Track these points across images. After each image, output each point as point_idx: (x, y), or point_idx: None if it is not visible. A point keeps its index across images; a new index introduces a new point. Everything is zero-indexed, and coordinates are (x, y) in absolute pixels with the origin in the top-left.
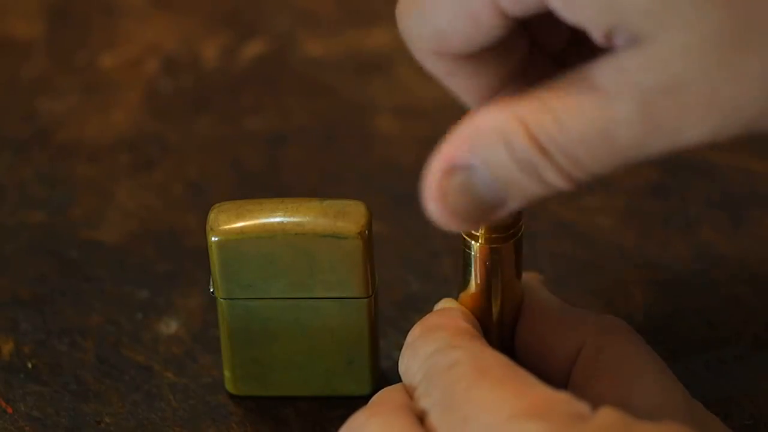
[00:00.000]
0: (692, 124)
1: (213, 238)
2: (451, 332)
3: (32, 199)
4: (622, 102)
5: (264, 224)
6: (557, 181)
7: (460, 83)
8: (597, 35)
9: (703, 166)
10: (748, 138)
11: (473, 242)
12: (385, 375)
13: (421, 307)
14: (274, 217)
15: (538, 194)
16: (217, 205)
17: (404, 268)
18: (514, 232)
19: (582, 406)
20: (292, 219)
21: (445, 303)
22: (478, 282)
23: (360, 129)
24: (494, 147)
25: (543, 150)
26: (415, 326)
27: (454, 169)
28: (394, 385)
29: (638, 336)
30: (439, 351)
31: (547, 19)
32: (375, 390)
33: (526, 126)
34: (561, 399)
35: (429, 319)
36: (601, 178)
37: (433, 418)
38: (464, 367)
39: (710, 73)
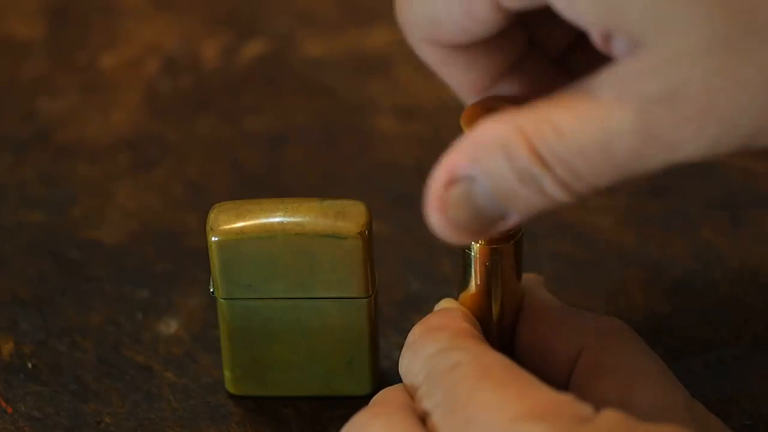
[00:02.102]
0: (690, 136)
1: (213, 238)
2: (453, 333)
3: (32, 199)
4: (621, 112)
5: (264, 224)
6: (557, 193)
7: (453, 74)
8: (595, 37)
9: (703, 166)
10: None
11: (473, 243)
12: (385, 375)
13: (421, 307)
14: (274, 217)
15: (539, 206)
16: (217, 205)
17: (404, 268)
18: (514, 233)
19: (585, 408)
20: (292, 219)
21: (445, 303)
22: (478, 283)
23: (360, 129)
24: (495, 158)
25: (543, 161)
26: (415, 327)
27: (455, 180)
28: (394, 386)
29: (638, 337)
30: (440, 352)
31: (547, 19)
32: (375, 390)
33: (526, 137)
34: (564, 401)
35: (429, 320)
36: (602, 190)
37: (436, 420)
38: (466, 368)
39: (708, 80)
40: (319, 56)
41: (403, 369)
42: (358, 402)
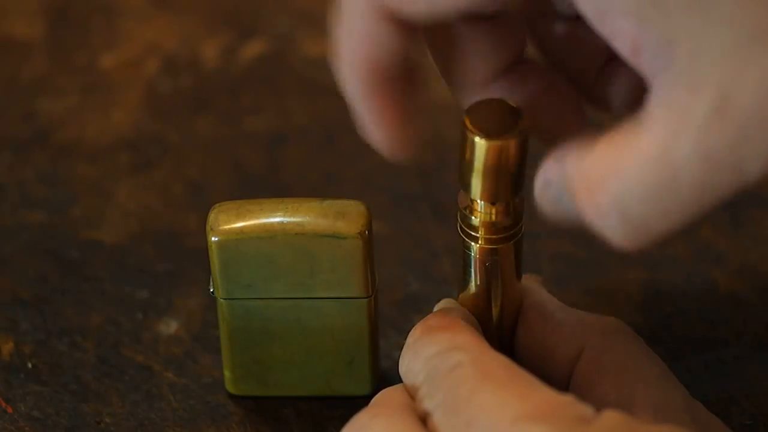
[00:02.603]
0: (751, 148)
1: (213, 238)
2: (453, 333)
3: (32, 199)
4: (678, 138)
5: (264, 224)
6: (619, 243)
7: (455, 62)
8: (624, 47)
9: None
10: None
11: (473, 243)
12: (385, 375)
13: (421, 307)
14: (274, 217)
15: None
16: (217, 205)
17: (404, 268)
18: (514, 233)
19: (586, 409)
20: (292, 219)
21: (445, 303)
22: (478, 283)
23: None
24: (570, 193)
25: (602, 214)
26: (415, 327)
27: (548, 186)
28: (395, 386)
29: (638, 337)
30: (441, 352)
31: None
32: (375, 390)
33: (587, 185)
34: (565, 401)
35: (430, 320)
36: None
37: (437, 420)
38: (467, 369)
39: (757, 74)
40: (319, 56)
41: (403, 369)
42: (358, 402)
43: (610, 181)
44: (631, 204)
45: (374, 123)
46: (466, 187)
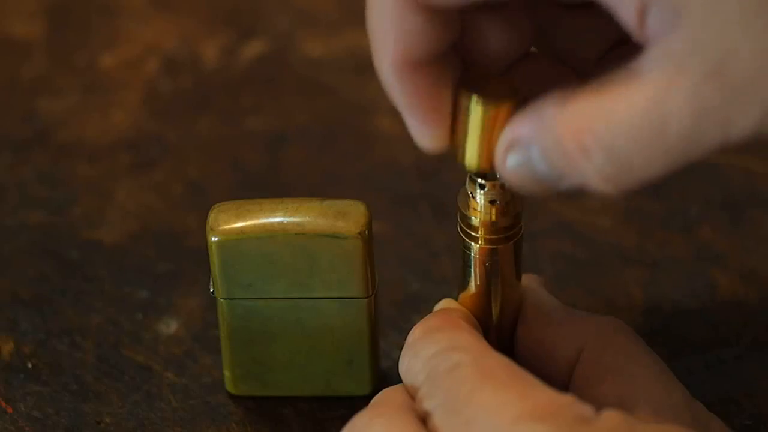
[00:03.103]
0: (739, 110)
1: (213, 238)
2: (453, 333)
3: (32, 199)
4: (673, 92)
5: (264, 224)
6: (601, 186)
7: (475, 40)
8: (628, 14)
9: (703, 166)
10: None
11: (473, 243)
12: (385, 375)
13: (421, 307)
14: (274, 217)
15: (588, 187)
16: (217, 205)
17: (404, 268)
18: (513, 233)
19: (586, 409)
20: (292, 219)
21: (445, 303)
22: (478, 282)
23: (360, 129)
24: (547, 139)
25: (588, 154)
26: (415, 327)
27: (516, 144)
28: (395, 386)
29: (638, 337)
30: (441, 352)
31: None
32: (375, 390)
33: (573, 128)
34: (565, 401)
35: (430, 320)
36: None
37: (437, 420)
38: (467, 369)
39: (757, 49)
40: (319, 56)
41: (403, 369)
42: (358, 402)
43: (598, 122)
44: (618, 143)
45: (413, 114)
46: (462, 157)
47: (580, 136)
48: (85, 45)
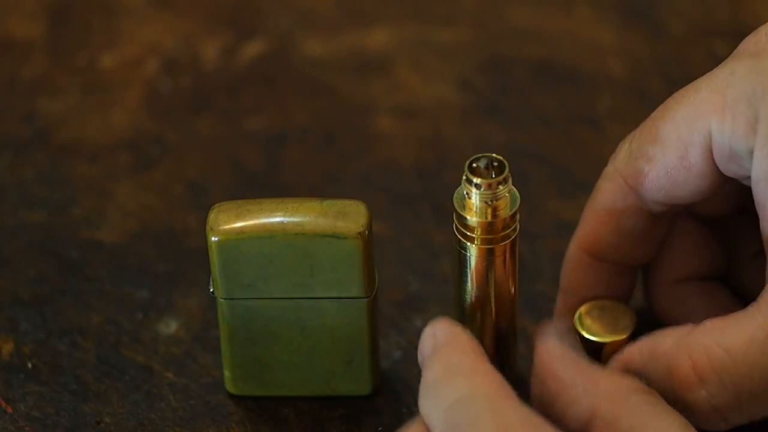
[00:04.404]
0: None
1: (213, 238)
2: (473, 378)
3: (32, 199)
4: None
5: (264, 224)
6: (708, 415)
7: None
8: None
9: None
10: None
11: (469, 243)
12: (385, 375)
13: (421, 307)
14: (274, 217)
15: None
16: (217, 205)
17: (404, 268)
18: (509, 233)
19: None
20: (292, 219)
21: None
22: (474, 282)
23: (360, 129)
24: (659, 368)
25: (703, 379)
26: (433, 361)
27: (628, 371)
28: (415, 423)
29: (653, 394)
30: (461, 401)
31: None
32: (375, 390)
33: (692, 354)
34: None
35: (449, 355)
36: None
37: None
38: (487, 426)
39: None
40: (319, 56)
41: (423, 410)
42: (358, 402)
43: (714, 351)
44: (731, 373)
45: (572, 289)
46: None
47: (697, 363)
48: (85, 45)
